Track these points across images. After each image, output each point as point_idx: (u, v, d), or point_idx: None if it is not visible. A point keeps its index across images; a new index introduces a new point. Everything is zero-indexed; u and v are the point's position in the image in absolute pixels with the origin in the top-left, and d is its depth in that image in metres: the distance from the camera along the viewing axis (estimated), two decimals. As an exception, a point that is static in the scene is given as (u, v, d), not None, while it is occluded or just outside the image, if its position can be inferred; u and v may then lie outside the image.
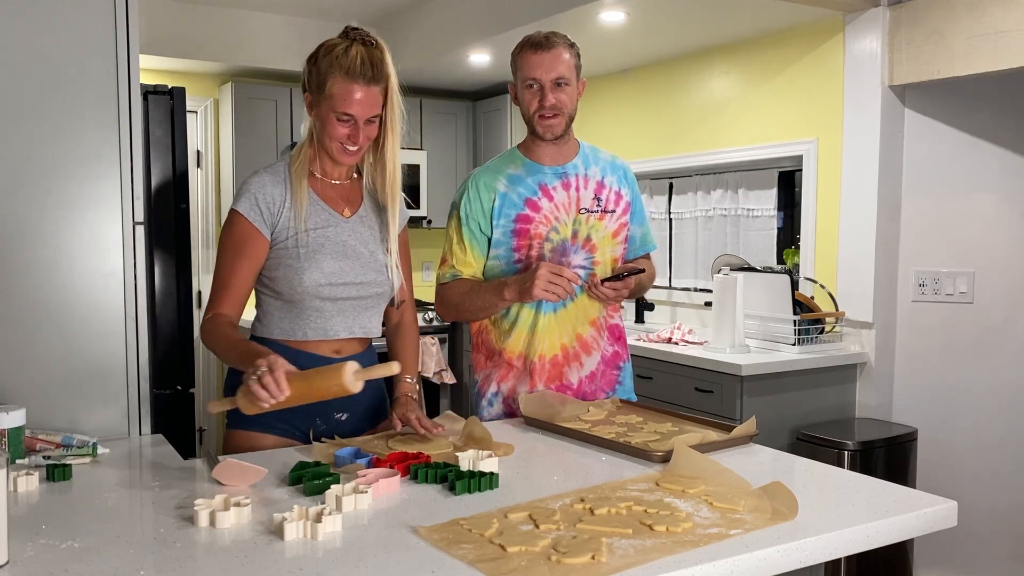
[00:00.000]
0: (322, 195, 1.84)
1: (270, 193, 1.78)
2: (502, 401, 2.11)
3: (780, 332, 3.45)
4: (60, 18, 1.78)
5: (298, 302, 1.79)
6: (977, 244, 3.29)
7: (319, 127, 1.78)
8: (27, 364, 1.78)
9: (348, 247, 1.82)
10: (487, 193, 2.08)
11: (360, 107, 1.72)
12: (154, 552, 1.18)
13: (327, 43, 1.76)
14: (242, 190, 1.80)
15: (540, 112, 2.03)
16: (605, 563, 1.12)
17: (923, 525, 1.36)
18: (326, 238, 1.80)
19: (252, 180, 1.80)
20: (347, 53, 1.72)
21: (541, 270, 1.91)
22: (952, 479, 3.31)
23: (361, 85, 1.71)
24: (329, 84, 1.72)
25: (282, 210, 1.78)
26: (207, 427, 5.04)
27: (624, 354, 2.21)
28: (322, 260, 1.78)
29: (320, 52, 1.76)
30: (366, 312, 1.87)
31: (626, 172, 2.21)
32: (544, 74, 2.00)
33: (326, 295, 1.79)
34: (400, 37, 4.70)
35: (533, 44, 2.02)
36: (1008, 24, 2.92)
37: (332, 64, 1.72)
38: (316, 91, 1.75)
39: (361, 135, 1.75)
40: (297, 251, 1.77)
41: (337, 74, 1.71)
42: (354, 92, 1.71)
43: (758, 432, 1.80)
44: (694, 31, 3.85)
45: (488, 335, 2.14)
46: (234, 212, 1.78)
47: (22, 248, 1.77)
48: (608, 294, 2.02)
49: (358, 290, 1.83)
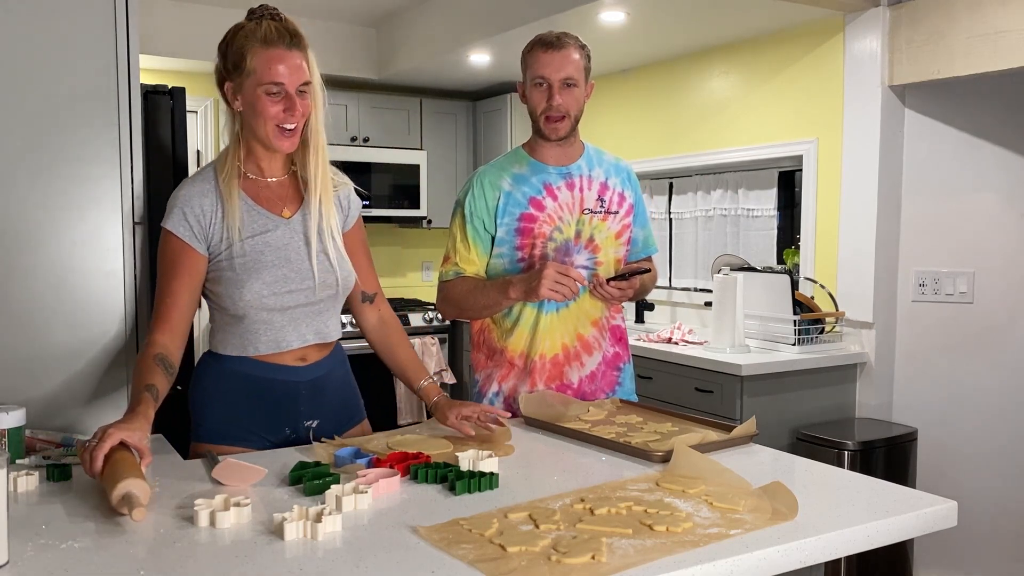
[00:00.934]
0: (257, 198, 1.71)
1: (198, 204, 1.66)
2: (503, 401, 2.11)
3: (780, 332, 3.45)
4: (60, 18, 1.78)
5: (244, 316, 1.69)
6: (977, 244, 3.29)
7: (248, 113, 1.65)
8: (27, 364, 1.78)
9: (291, 250, 1.70)
10: (492, 191, 2.07)
11: (287, 73, 1.61)
12: (154, 552, 1.18)
13: (235, 26, 1.67)
14: (169, 205, 1.68)
15: (547, 113, 2.03)
16: (605, 563, 1.12)
17: (923, 525, 1.36)
18: (265, 244, 1.68)
19: (178, 193, 1.69)
20: (259, 26, 1.64)
21: (548, 270, 1.90)
22: (952, 479, 3.31)
23: (282, 49, 1.62)
24: (249, 58, 1.61)
25: (213, 220, 1.67)
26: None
27: (625, 355, 2.21)
28: (262, 270, 1.67)
29: (230, 35, 1.67)
30: (320, 316, 1.77)
31: (629, 174, 2.21)
32: (553, 73, 2.00)
33: (272, 306, 1.69)
34: (400, 37, 4.70)
35: (544, 43, 2.03)
36: (1008, 24, 2.92)
37: (247, 38, 1.63)
38: (235, 71, 1.64)
39: (297, 108, 1.64)
40: (234, 262, 1.66)
41: (255, 46, 1.61)
42: (278, 58, 1.61)
43: (758, 432, 1.80)
44: (694, 31, 3.85)
45: (490, 334, 2.14)
46: (163, 230, 1.67)
47: (22, 248, 1.77)
48: (613, 293, 2.02)
49: (307, 296, 1.72)
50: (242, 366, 1.74)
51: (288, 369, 1.76)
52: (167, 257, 1.67)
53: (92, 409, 1.84)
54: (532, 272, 1.97)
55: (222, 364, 1.75)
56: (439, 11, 4.41)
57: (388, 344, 1.93)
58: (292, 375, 1.76)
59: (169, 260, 1.67)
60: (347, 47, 4.94)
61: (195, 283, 1.68)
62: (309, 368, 1.78)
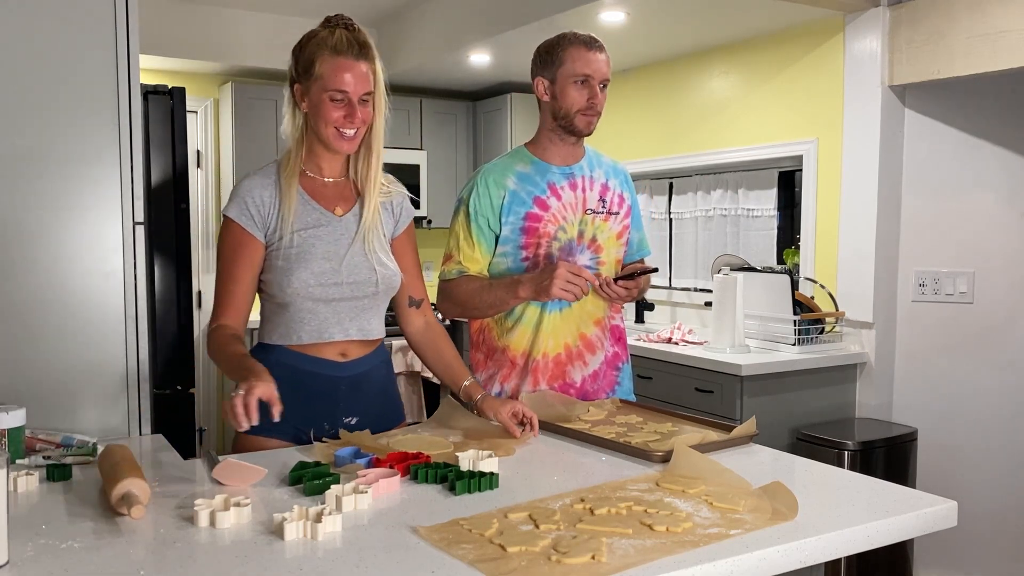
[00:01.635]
0: (313, 194, 1.81)
1: (259, 195, 1.77)
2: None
3: (780, 332, 3.45)
4: (60, 18, 1.78)
5: (290, 304, 1.77)
6: (977, 244, 3.29)
7: (312, 115, 1.75)
8: (27, 364, 1.78)
9: (340, 246, 1.79)
10: (496, 190, 2.07)
11: (352, 82, 1.71)
12: (154, 552, 1.18)
13: (310, 32, 1.78)
14: (232, 195, 1.79)
15: (584, 110, 2.03)
16: (605, 563, 1.12)
17: (923, 525, 1.36)
18: (316, 238, 1.77)
19: (242, 184, 1.79)
20: (332, 35, 1.74)
21: (560, 269, 1.90)
22: (952, 479, 3.31)
23: (350, 60, 1.72)
24: (318, 64, 1.71)
25: (272, 212, 1.77)
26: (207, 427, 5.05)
27: (624, 355, 2.22)
28: (311, 261, 1.76)
29: (304, 40, 1.77)
30: (364, 313, 1.84)
31: (626, 177, 2.24)
32: (596, 72, 2.02)
33: (317, 296, 1.77)
34: (400, 37, 4.70)
35: (585, 41, 2.04)
36: (1008, 24, 2.92)
37: (319, 46, 1.73)
38: (304, 76, 1.74)
39: (357, 115, 1.73)
40: (287, 252, 1.75)
41: (325, 53, 1.71)
42: (345, 67, 1.71)
43: (758, 432, 1.80)
44: (694, 31, 3.85)
45: (489, 333, 2.14)
46: (226, 218, 1.78)
47: (22, 248, 1.77)
48: (620, 293, 2.02)
49: (351, 290, 1.80)
50: (287, 358, 1.79)
51: (330, 364, 1.81)
52: (229, 244, 1.77)
53: (92, 409, 1.84)
54: (543, 271, 1.97)
55: (268, 355, 1.78)
56: (439, 11, 4.41)
57: (435, 347, 1.99)
58: (333, 370, 1.81)
59: (231, 247, 1.77)
60: (347, 47, 4.93)
61: (255, 269, 1.78)
62: (350, 364, 1.83)
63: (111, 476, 1.35)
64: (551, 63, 2.06)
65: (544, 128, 2.11)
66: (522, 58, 4.28)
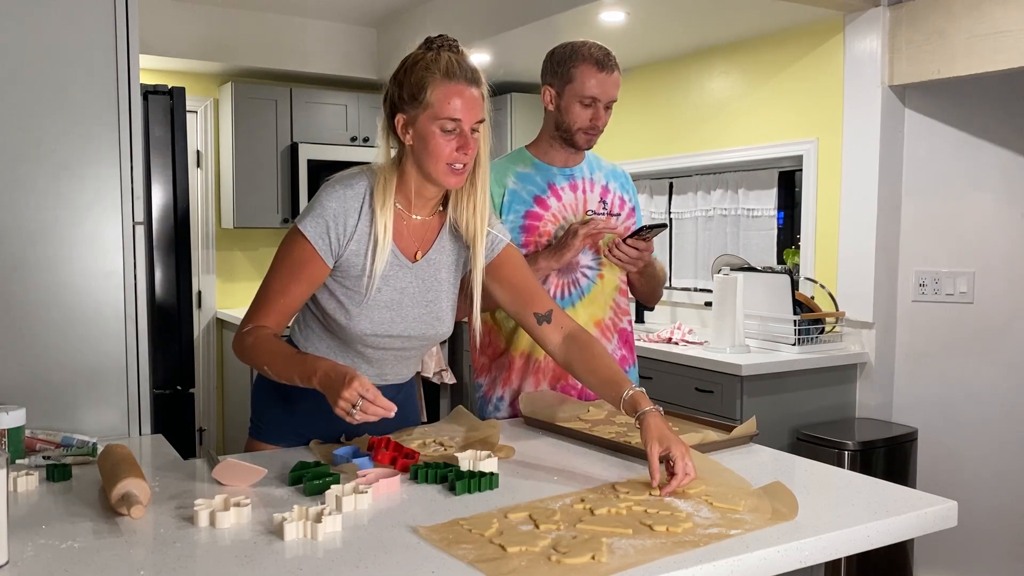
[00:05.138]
0: (396, 235, 1.65)
1: (343, 222, 1.60)
2: (509, 404, 2.11)
3: (780, 332, 3.45)
4: (60, 18, 1.78)
5: (340, 340, 1.70)
6: (977, 244, 3.29)
7: (419, 148, 1.58)
8: (27, 364, 1.78)
9: (406, 296, 1.67)
10: (497, 188, 2.07)
11: (466, 110, 1.55)
12: (154, 552, 1.18)
13: (412, 55, 1.60)
14: (315, 209, 1.61)
15: (588, 131, 2.05)
16: (605, 563, 1.12)
17: (923, 525, 1.36)
18: (385, 284, 1.64)
19: (329, 200, 1.61)
20: (439, 57, 1.57)
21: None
22: (952, 479, 3.31)
23: (463, 85, 1.55)
24: (429, 91, 1.54)
25: (351, 241, 1.61)
26: (207, 427, 5.05)
27: (631, 359, 2.20)
28: (374, 309, 1.64)
29: (408, 64, 1.59)
30: (403, 362, 1.77)
31: (627, 180, 2.25)
32: (603, 96, 2.03)
33: (369, 344, 1.68)
34: (400, 37, 4.70)
35: (597, 61, 2.01)
36: (1008, 24, 2.92)
37: (428, 70, 1.55)
38: (411, 104, 1.56)
39: (471, 146, 1.56)
40: (354, 293, 1.64)
41: (436, 78, 1.54)
42: (457, 93, 1.54)
43: (758, 432, 1.80)
44: (694, 31, 3.85)
45: (496, 335, 2.14)
46: (300, 233, 1.61)
47: (22, 248, 1.77)
48: (630, 253, 2.02)
49: (402, 343, 1.70)
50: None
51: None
52: (295, 258, 1.62)
53: (92, 409, 1.84)
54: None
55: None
56: (439, 11, 4.41)
57: (583, 363, 1.71)
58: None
59: (297, 261, 1.62)
60: (347, 47, 4.94)
61: (310, 291, 1.65)
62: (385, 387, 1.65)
63: (111, 476, 1.35)
64: (561, 76, 2.04)
65: (546, 132, 2.12)
66: (522, 58, 4.30)
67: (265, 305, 1.63)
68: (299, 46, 4.80)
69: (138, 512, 1.26)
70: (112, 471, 1.36)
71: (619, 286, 2.17)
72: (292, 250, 1.62)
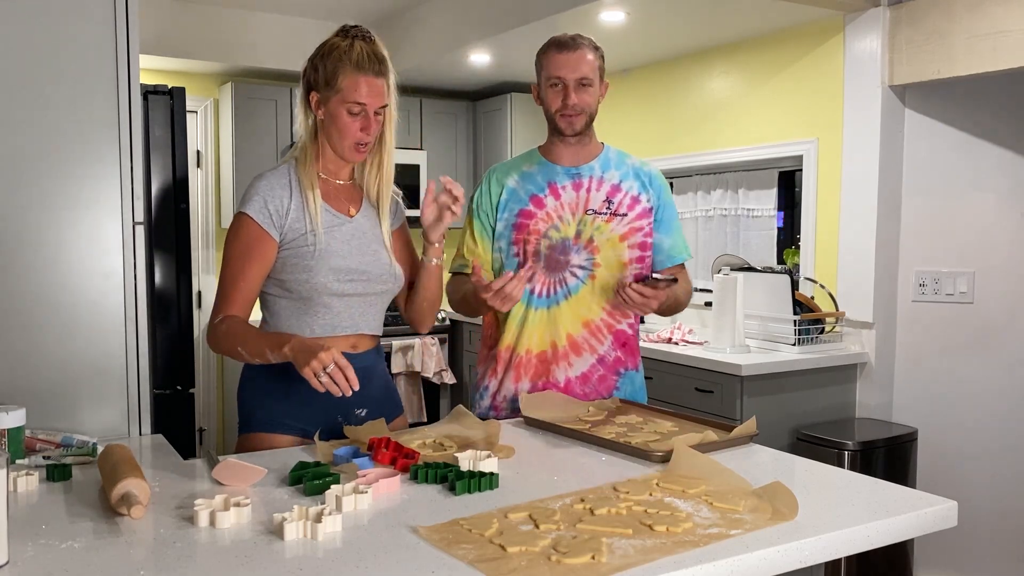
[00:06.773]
0: (327, 196, 1.87)
1: (278, 196, 1.81)
2: (491, 395, 2.15)
3: (780, 332, 3.45)
4: (60, 18, 1.78)
5: (308, 299, 1.82)
6: (977, 244, 3.29)
7: (328, 124, 1.82)
8: (27, 364, 1.78)
9: (354, 245, 1.86)
10: (497, 187, 2.15)
11: (370, 97, 1.79)
12: (154, 552, 1.18)
13: (329, 42, 1.82)
14: (250, 193, 1.82)
15: (562, 111, 2.06)
16: (605, 563, 1.12)
17: (923, 525, 1.36)
18: (333, 237, 1.83)
19: (259, 183, 1.84)
20: (352, 48, 1.79)
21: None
22: (952, 479, 3.31)
23: (370, 77, 1.79)
24: (340, 78, 1.78)
25: (289, 212, 1.81)
26: (207, 427, 5.05)
27: (629, 362, 2.17)
28: (331, 258, 1.81)
29: (324, 51, 1.82)
30: (371, 309, 1.91)
31: (652, 179, 2.20)
32: (568, 74, 2.03)
33: (335, 291, 1.82)
34: (400, 37, 4.70)
35: (559, 44, 2.06)
36: (1008, 24, 2.92)
37: (340, 59, 1.78)
38: (325, 87, 1.80)
39: (372, 126, 1.81)
40: (309, 250, 1.80)
41: (347, 69, 1.78)
42: (364, 83, 1.78)
43: (758, 432, 1.80)
44: (694, 31, 3.85)
45: (492, 329, 2.19)
46: (243, 215, 1.80)
47: (22, 248, 1.77)
48: (634, 298, 1.97)
49: (365, 286, 1.86)
50: None
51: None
52: (243, 240, 1.79)
53: (92, 409, 1.84)
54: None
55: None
56: (439, 11, 4.41)
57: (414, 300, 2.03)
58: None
59: (244, 243, 1.79)
60: (347, 47, 4.93)
61: (266, 268, 1.81)
62: (360, 356, 1.88)
63: (111, 476, 1.35)
64: (537, 68, 2.13)
65: (548, 129, 2.16)
66: (522, 58, 4.30)
67: (228, 294, 1.79)
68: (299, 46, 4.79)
69: (138, 512, 1.26)
70: (112, 471, 1.37)
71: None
72: (239, 233, 1.80)
